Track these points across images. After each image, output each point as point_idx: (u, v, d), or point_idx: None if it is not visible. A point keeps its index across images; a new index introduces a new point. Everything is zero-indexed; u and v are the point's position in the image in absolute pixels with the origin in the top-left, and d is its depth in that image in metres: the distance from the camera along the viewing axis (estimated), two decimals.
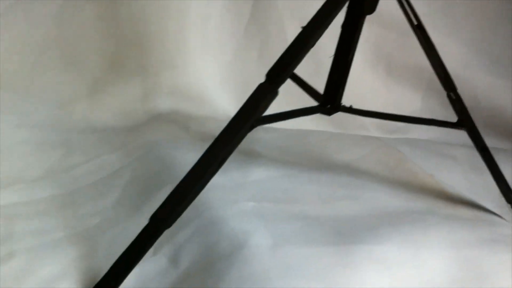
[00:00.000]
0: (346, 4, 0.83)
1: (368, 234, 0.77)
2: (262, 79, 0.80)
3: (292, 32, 1.27)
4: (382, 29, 1.32)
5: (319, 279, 0.64)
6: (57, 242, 0.74)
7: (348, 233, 0.77)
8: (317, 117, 1.28)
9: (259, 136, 1.14)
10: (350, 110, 0.89)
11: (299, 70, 0.97)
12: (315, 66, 1.16)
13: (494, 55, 1.38)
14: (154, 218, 0.65)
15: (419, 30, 0.84)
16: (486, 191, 1.03)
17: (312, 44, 0.74)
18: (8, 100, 1.10)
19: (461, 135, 1.30)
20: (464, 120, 0.90)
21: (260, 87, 0.71)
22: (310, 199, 0.88)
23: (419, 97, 1.39)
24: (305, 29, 0.74)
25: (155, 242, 0.71)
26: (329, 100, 0.87)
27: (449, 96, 0.89)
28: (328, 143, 1.16)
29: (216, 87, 1.30)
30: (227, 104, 1.29)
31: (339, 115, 1.34)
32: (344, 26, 0.83)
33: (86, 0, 1.17)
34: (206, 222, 0.75)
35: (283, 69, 0.72)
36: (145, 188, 0.88)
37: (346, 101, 1.37)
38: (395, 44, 1.35)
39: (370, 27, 1.33)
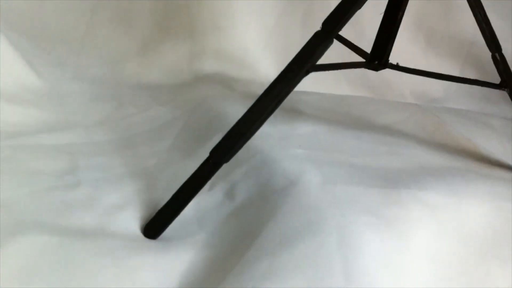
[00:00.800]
0: None
1: (412, 182, 0.81)
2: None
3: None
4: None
5: (368, 212, 0.69)
6: (119, 176, 0.80)
7: (393, 179, 0.81)
8: (355, 84, 1.32)
9: (302, 98, 1.17)
10: (397, 67, 0.92)
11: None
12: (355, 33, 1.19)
13: None
14: (215, 151, 0.70)
15: None
16: None
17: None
18: (64, 54, 1.16)
19: (499, 107, 1.33)
20: (507, 81, 0.92)
21: (316, 34, 0.75)
22: (355, 152, 0.92)
23: (457, 68, 1.40)
24: None
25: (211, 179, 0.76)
26: (377, 57, 0.90)
27: (493, 57, 0.91)
28: (367, 106, 1.19)
29: (259, 51, 1.33)
30: (269, 68, 1.32)
31: (378, 81, 1.37)
32: None
33: None
34: (259, 162, 0.80)
35: (339, 18, 0.75)
36: (198, 135, 0.93)
37: (384, 71, 1.38)
38: (436, 15, 1.37)
39: None
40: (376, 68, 0.90)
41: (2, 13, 1.09)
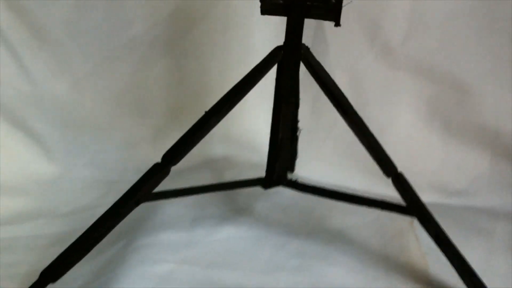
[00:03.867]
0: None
1: None
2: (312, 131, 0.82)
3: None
4: (436, 85, 1.21)
5: None
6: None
7: None
8: (368, 175, 1.24)
9: (277, 191, 1.15)
10: (294, 184, 0.88)
11: None
12: None
13: None
14: (43, 274, 0.78)
15: (347, 116, 0.79)
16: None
17: (209, 129, 0.79)
18: (87, 143, 1.32)
19: None
20: (411, 205, 0.82)
21: (155, 166, 0.79)
22: (251, 267, 0.89)
23: (486, 159, 1.22)
24: (206, 115, 0.79)
25: None
26: (270, 173, 0.89)
27: (392, 181, 0.82)
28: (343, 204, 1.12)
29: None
30: None
31: None
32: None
33: (160, 56, 1.34)
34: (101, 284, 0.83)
35: (178, 151, 0.79)
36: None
37: (397, 162, 1.30)
38: (452, 100, 1.22)
39: (422, 82, 1.23)
40: (265, 186, 0.88)
41: (44, 102, 1.29)
